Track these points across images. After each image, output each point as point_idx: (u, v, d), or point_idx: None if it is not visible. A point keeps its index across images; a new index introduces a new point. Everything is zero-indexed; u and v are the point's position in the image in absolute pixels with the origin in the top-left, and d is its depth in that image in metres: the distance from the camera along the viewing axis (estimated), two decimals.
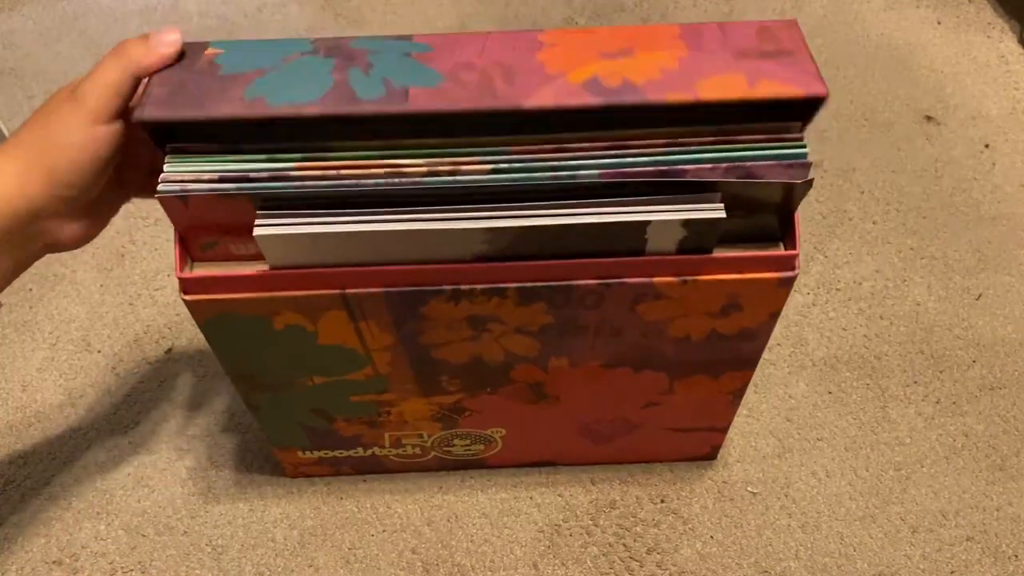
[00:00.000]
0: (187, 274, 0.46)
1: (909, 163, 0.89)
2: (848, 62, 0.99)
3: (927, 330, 0.77)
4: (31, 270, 0.81)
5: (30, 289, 0.80)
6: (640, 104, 0.43)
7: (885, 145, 0.91)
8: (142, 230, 0.84)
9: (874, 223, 0.84)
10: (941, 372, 0.74)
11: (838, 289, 0.80)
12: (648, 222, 0.44)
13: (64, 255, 0.82)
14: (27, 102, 0.95)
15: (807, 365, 0.75)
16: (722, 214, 0.44)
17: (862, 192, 0.87)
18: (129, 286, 0.80)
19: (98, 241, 0.83)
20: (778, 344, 0.76)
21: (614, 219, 0.44)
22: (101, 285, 0.80)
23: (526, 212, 0.43)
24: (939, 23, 1.04)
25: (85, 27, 1.03)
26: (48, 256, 0.81)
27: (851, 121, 0.93)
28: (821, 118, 0.93)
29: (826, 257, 0.82)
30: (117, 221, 0.84)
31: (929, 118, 0.93)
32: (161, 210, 0.85)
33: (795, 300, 0.79)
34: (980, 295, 0.79)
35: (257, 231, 0.43)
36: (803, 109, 0.44)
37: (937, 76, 0.98)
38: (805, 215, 0.85)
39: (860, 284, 0.80)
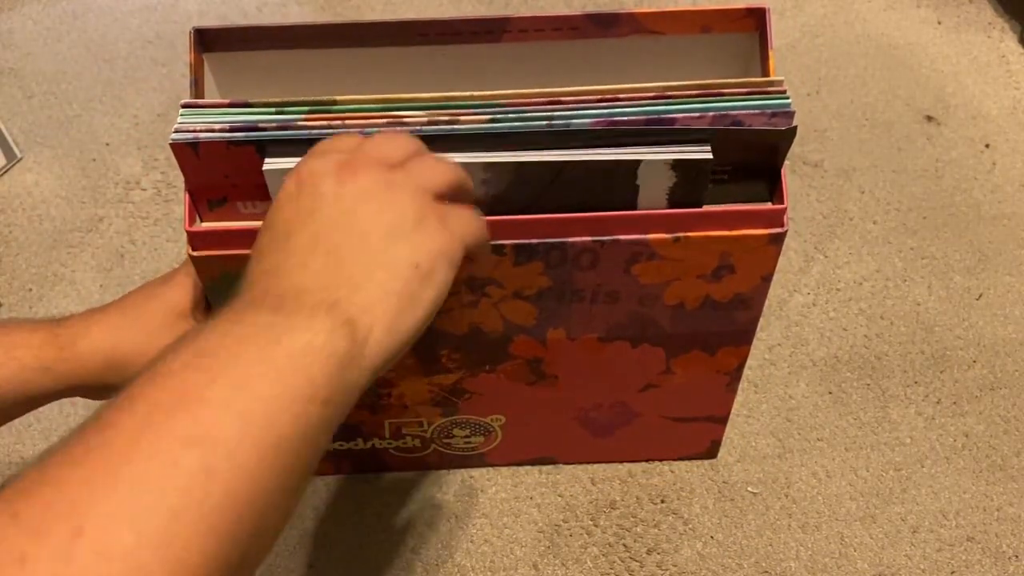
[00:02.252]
0: (195, 228, 0.48)
1: (909, 163, 0.89)
2: (848, 62, 0.99)
3: (927, 330, 0.77)
4: (31, 269, 0.81)
5: (30, 289, 0.80)
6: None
7: (885, 145, 0.91)
8: (142, 230, 0.84)
9: (874, 223, 0.84)
10: (942, 372, 0.74)
11: (838, 289, 0.80)
12: (639, 162, 0.46)
13: (63, 255, 0.82)
14: (27, 102, 0.95)
15: (807, 365, 0.75)
16: (709, 155, 0.46)
17: (862, 192, 0.87)
18: (129, 286, 0.80)
19: (98, 241, 0.83)
20: (778, 344, 0.76)
21: (607, 157, 0.46)
22: (101, 285, 0.80)
23: (523, 150, 0.46)
24: (939, 23, 1.04)
25: (85, 27, 1.03)
26: (48, 256, 0.82)
27: (851, 121, 0.93)
28: (821, 118, 0.93)
29: (826, 257, 0.82)
30: (117, 221, 0.84)
31: (929, 118, 0.93)
32: (161, 210, 0.85)
33: (795, 300, 0.79)
34: (981, 295, 0.79)
35: (267, 166, 0.46)
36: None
37: (937, 76, 0.98)
38: (805, 215, 0.85)
39: (861, 284, 0.80)
